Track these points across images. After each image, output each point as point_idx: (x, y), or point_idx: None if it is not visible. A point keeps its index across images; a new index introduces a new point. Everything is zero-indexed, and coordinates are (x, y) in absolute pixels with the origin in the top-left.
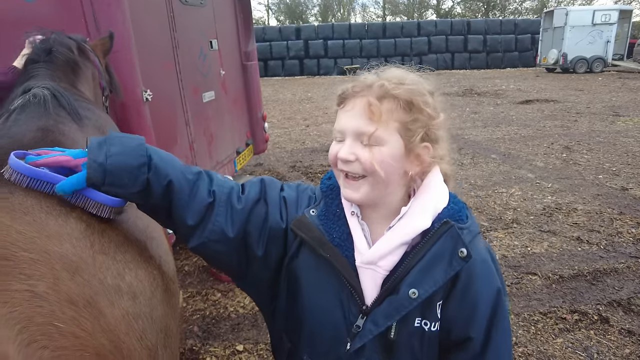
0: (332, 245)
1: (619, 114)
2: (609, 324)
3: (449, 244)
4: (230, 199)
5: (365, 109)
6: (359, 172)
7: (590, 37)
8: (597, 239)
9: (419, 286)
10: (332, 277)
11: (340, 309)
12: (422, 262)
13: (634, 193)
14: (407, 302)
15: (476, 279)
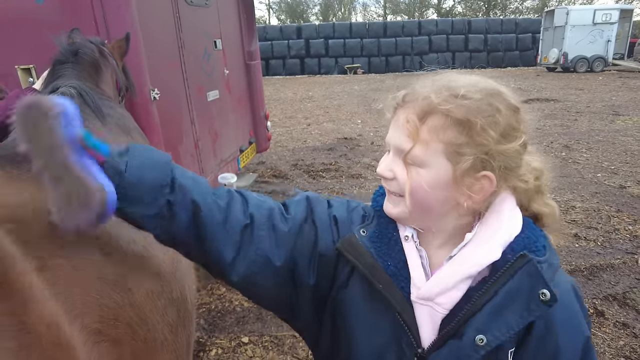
0: (386, 274)
1: (619, 113)
2: (605, 317)
3: (527, 282)
4: (273, 221)
5: (405, 123)
6: (397, 192)
7: (591, 36)
8: (594, 236)
9: (488, 332)
10: (385, 313)
11: (395, 352)
12: (493, 302)
13: (632, 191)
14: (472, 351)
15: (558, 325)
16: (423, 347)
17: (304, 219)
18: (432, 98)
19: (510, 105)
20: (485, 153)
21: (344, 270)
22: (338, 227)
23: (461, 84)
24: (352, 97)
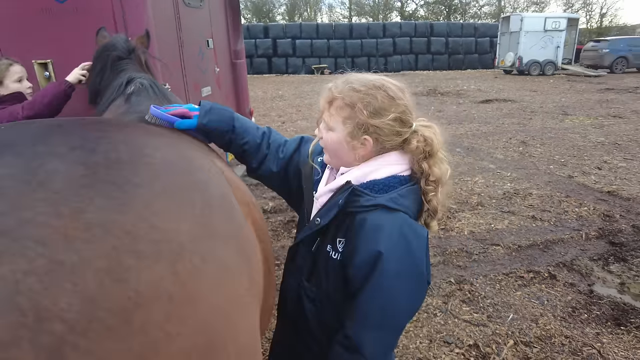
0: (312, 182)
1: (567, 113)
2: (556, 279)
3: (340, 197)
4: (277, 152)
5: (323, 104)
6: (322, 145)
7: (543, 42)
8: (548, 217)
9: (321, 217)
10: (306, 201)
11: (302, 221)
12: (328, 205)
13: (578, 180)
14: (313, 226)
15: (361, 233)
16: (308, 221)
17: (294, 150)
18: (337, 90)
19: (387, 95)
20: (362, 124)
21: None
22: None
23: (355, 80)
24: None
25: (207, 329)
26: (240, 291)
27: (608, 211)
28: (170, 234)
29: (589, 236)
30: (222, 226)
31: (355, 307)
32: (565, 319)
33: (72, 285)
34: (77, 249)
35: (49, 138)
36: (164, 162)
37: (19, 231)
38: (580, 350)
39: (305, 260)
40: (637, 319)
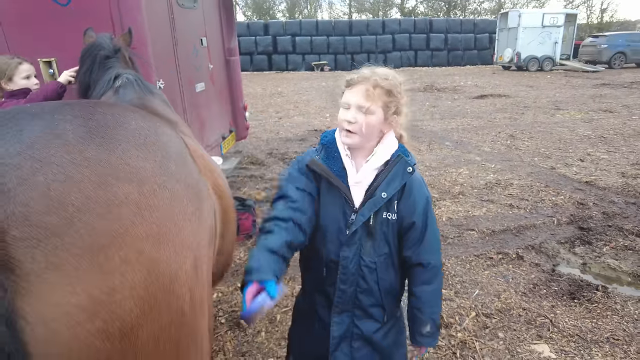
0: (334, 174)
1: (560, 108)
2: (523, 260)
3: (401, 166)
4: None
5: (364, 92)
6: (356, 130)
7: (541, 37)
8: (524, 205)
9: (387, 191)
10: (336, 195)
11: (340, 212)
12: (387, 178)
13: (560, 171)
14: (380, 201)
15: (414, 188)
16: (356, 206)
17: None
18: (377, 79)
19: (401, 81)
20: (396, 105)
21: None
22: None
23: (385, 72)
24: (320, 92)
25: (160, 224)
26: (187, 211)
27: (583, 200)
28: (139, 169)
29: (560, 222)
30: (175, 170)
31: (426, 242)
32: (525, 294)
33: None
34: (79, 170)
35: (61, 110)
36: (137, 127)
37: (45, 159)
38: (534, 320)
39: (362, 237)
40: (590, 293)
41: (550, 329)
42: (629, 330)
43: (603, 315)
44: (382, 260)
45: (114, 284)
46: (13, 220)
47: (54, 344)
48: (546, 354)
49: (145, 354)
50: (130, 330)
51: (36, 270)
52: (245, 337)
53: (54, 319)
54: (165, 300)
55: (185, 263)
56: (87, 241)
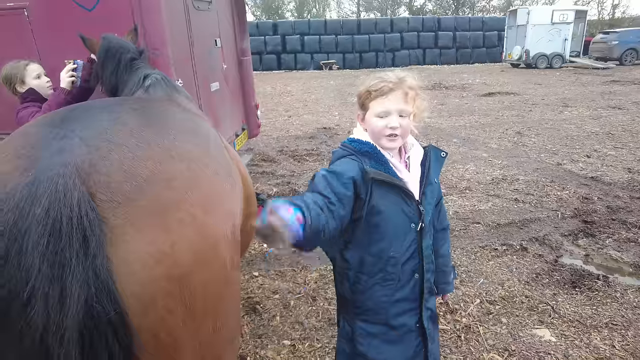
0: (394, 177)
1: (568, 105)
2: (527, 251)
3: (436, 152)
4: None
5: (403, 97)
6: (400, 134)
7: (550, 35)
8: (530, 200)
9: (436, 176)
10: (396, 195)
11: (402, 212)
12: (432, 165)
13: (566, 167)
14: (436, 186)
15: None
16: (417, 199)
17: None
18: (411, 82)
19: None
20: (421, 104)
21: (365, 189)
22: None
23: (408, 75)
24: (328, 91)
25: (207, 195)
26: (226, 187)
27: (587, 194)
28: (187, 151)
29: (564, 216)
30: (215, 153)
31: (442, 208)
32: (528, 283)
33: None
34: (143, 150)
35: (121, 104)
36: (182, 118)
37: (117, 142)
38: (536, 307)
39: (429, 223)
40: (591, 282)
41: (552, 315)
42: (628, 317)
43: (603, 302)
44: (433, 229)
45: (173, 239)
46: (100, 186)
47: (132, 280)
48: (547, 338)
49: (197, 297)
50: (186, 276)
51: (118, 224)
52: (261, 321)
53: (131, 262)
54: (212, 256)
55: (226, 229)
56: (153, 205)
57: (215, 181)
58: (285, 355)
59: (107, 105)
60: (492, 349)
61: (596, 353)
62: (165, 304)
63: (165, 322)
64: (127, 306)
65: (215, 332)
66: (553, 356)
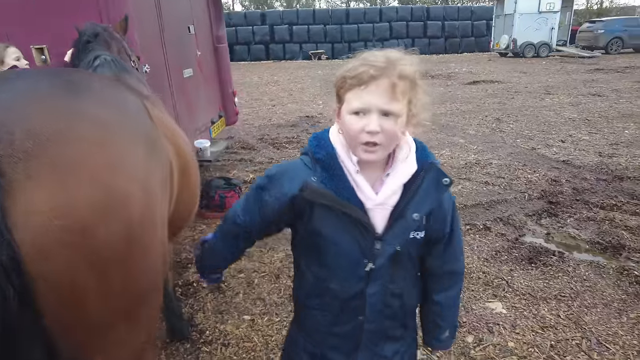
0: (342, 200)
1: (550, 93)
2: (490, 230)
3: (435, 177)
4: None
5: (389, 89)
6: (382, 142)
7: (537, 23)
8: (499, 182)
9: (420, 210)
10: (347, 223)
11: (357, 243)
12: (420, 193)
13: (539, 152)
14: (412, 223)
15: (445, 198)
16: (379, 233)
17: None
18: (403, 68)
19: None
20: (417, 99)
21: (305, 207)
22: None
23: (403, 57)
24: (315, 81)
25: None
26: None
27: (557, 177)
28: (98, 114)
29: (531, 197)
30: (128, 120)
31: (452, 249)
32: (487, 260)
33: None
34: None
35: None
36: (100, 86)
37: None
38: (492, 282)
39: (388, 266)
40: (547, 258)
41: (506, 289)
42: (576, 289)
43: (555, 276)
44: (408, 283)
45: (74, 195)
46: (1, 142)
47: (29, 231)
48: (498, 310)
49: (99, 252)
50: (85, 230)
51: (18, 179)
52: (224, 298)
53: (29, 213)
54: (114, 214)
55: (134, 190)
56: (55, 162)
57: (124, 145)
58: (244, 329)
59: (28, 74)
60: None
61: (542, 322)
62: (64, 255)
63: (64, 273)
64: (23, 254)
65: (124, 288)
66: (501, 326)
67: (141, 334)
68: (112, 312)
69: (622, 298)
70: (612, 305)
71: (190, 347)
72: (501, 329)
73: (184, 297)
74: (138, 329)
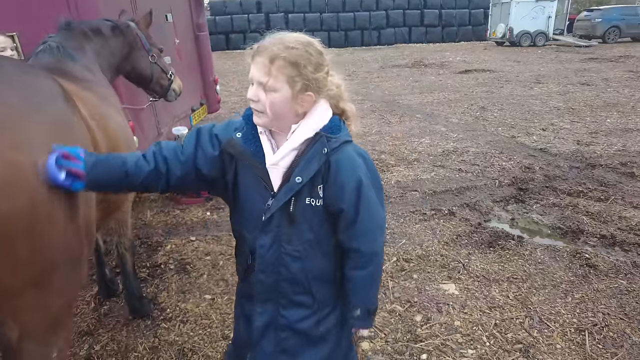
0: (250, 155)
1: (540, 82)
2: (455, 215)
3: (319, 147)
4: (176, 159)
5: (263, 66)
6: (262, 110)
7: (534, 12)
8: (473, 170)
9: (302, 175)
10: (253, 176)
11: (260, 196)
12: (304, 159)
13: (519, 140)
14: (295, 186)
15: (342, 171)
16: (274, 190)
17: (195, 147)
18: (275, 49)
19: (318, 50)
20: (307, 80)
21: (229, 162)
22: (219, 138)
23: (290, 39)
24: None
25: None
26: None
27: (530, 164)
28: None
29: (501, 184)
30: (37, 101)
31: (358, 228)
32: (447, 243)
33: None
34: None
35: None
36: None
37: None
38: (448, 264)
39: (281, 224)
40: (506, 242)
41: (461, 271)
42: (529, 271)
43: (510, 259)
44: (307, 247)
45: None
46: None
47: None
48: (451, 292)
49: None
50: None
51: None
52: (189, 279)
53: None
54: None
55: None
56: None
57: (27, 125)
58: (204, 307)
59: None
60: (396, 301)
61: (491, 303)
62: None
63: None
64: None
65: (28, 259)
66: (451, 306)
67: (54, 301)
68: (18, 280)
69: (571, 279)
70: (560, 286)
71: (150, 323)
72: (450, 309)
73: (151, 278)
74: (49, 297)
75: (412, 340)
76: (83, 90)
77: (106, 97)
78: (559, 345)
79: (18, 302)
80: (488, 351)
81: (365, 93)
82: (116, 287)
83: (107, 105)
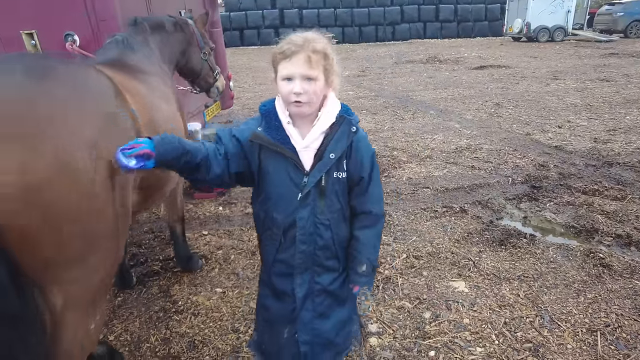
0: (279, 143)
1: (557, 78)
2: (467, 213)
3: (347, 126)
4: (217, 158)
5: (306, 60)
6: (305, 100)
7: (552, 7)
8: (486, 167)
9: (335, 151)
10: (282, 161)
11: (289, 178)
12: (334, 138)
13: (534, 137)
14: (329, 161)
15: (361, 145)
16: (307, 170)
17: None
18: (310, 45)
19: (330, 44)
20: (332, 68)
21: (255, 153)
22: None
23: (313, 36)
24: None
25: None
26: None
27: (545, 162)
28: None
29: (515, 181)
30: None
31: (370, 193)
32: (458, 241)
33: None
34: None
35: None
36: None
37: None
38: (459, 262)
39: (315, 198)
40: (518, 240)
41: (472, 269)
42: (541, 270)
43: (522, 258)
44: (335, 215)
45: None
46: None
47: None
48: (460, 289)
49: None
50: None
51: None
52: (201, 272)
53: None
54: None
55: (82, 156)
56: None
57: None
58: (215, 300)
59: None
60: (405, 297)
61: (501, 301)
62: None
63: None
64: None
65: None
66: (460, 304)
67: (95, 275)
68: (64, 255)
69: (584, 279)
70: (573, 286)
71: (162, 315)
72: (459, 306)
73: (164, 271)
74: (91, 271)
75: (420, 337)
76: (133, 81)
77: (157, 87)
78: (570, 345)
79: (64, 274)
80: (497, 349)
81: (378, 89)
82: (131, 278)
83: (157, 95)
